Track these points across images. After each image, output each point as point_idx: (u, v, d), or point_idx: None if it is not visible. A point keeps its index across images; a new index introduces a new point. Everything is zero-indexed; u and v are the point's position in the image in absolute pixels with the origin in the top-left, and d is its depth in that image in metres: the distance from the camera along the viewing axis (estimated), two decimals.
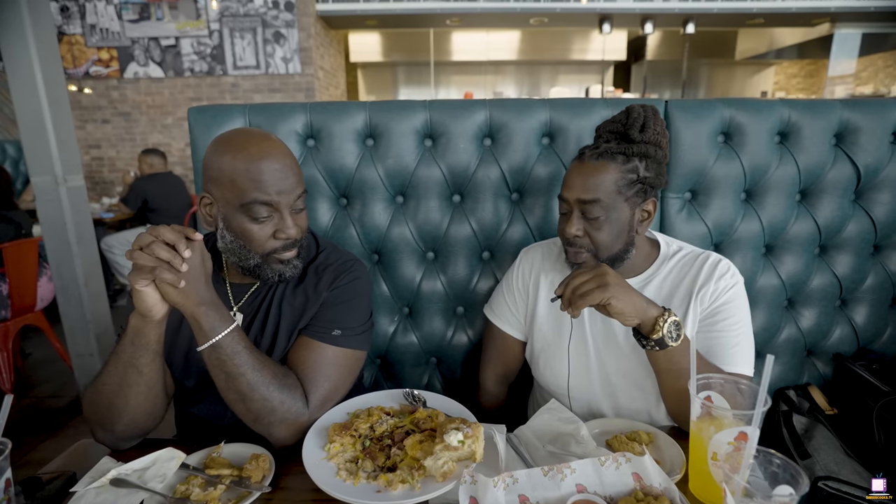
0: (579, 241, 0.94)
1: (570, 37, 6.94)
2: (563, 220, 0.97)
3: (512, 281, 1.10)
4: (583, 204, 0.91)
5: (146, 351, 0.78)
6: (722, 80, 7.90)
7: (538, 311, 1.06)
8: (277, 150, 0.85)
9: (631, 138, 0.92)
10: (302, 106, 1.17)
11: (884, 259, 1.27)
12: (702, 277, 0.93)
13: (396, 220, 1.24)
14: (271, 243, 0.85)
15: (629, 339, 0.95)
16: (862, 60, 6.61)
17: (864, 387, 1.18)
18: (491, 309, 1.15)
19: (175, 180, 4.05)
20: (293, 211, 0.86)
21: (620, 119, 0.94)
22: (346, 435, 0.79)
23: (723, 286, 0.92)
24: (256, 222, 0.83)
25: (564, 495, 0.68)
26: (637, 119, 0.92)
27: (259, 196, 0.81)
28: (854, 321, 1.28)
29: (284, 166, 0.84)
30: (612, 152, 0.90)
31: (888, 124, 1.19)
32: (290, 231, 0.85)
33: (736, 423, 0.68)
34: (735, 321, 0.92)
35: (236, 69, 5.01)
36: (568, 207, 0.95)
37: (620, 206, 0.91)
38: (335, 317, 0.90)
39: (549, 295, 1.05)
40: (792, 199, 1.22)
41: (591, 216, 0.91)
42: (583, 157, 0.93)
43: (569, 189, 0.93)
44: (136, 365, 0.78)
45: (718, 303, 0.92)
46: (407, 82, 7.64)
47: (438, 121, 1.18)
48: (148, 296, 0.73)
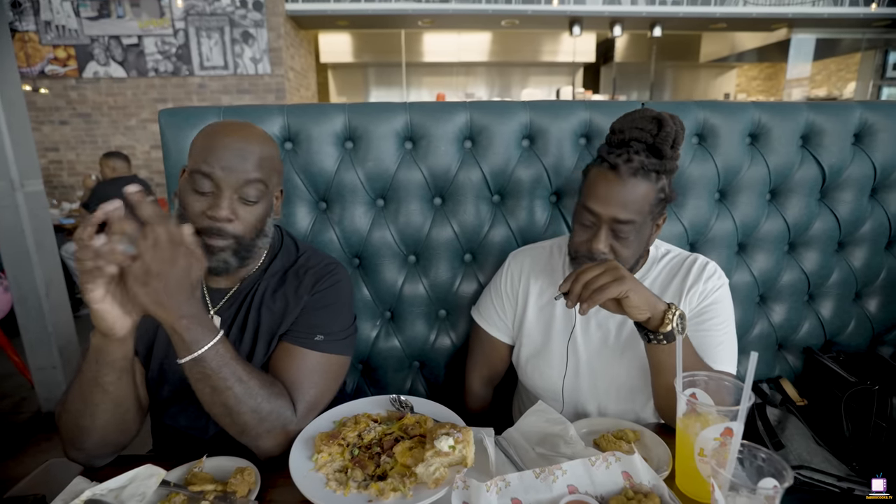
0: (603, 257, 0.90)
1: (540, 39, 7.03)
2: (584, 232, 0.91)
3: (500, 285, 1.10)
4: (616, 222, 0.87)
5: (111, 369, 0.72)
6: (687, 82, 8.15)
7: (528, 315, 1.05)
8: (244, 132, 0.83)
9: (662, 154, 0.87)
10: (279, 108, 1.14)
11: (847, 255, 1.33)
12: (691, 278, 0.95)
13: (377, 224, 1.22)
14: (201, 220, 0.80)
15: (620, 340, 0.97)
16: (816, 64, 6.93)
17: (832, 378, 1.23)
18: (479, 312, 1.14)
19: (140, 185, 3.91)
20: (238, 197, 0.81)
21: (650, 129, 0.87)
22: (334, 444, 0.77)
23: (710, 287, 0.94)
24: (194, 193, 0.81)
25: (557, 497, 0.68)
26: (670, 134, 0.86)
27: (202, 166, 0.79)
28: (821, 315, 1.34)
29: (243, 148, 0.81)
30: (648, 169, 0.86)
31: (850, 126, 1.25)
32: (220, 212, 0.79)
33: (721, 419, 0.70)
34: (720, 321, 0.94)
35: (203, 69, 4.87)
36: (595, 221, 0.89)
37: (647, 224, 0.90)
38: (317, 322, 0.87)
39: (538, 300, 1.05)
40: (763, 198, 1.27)
41: (621, 235, 0.88)
42: (617, 168, 0.86)
43: (603, 204, 0.87)
44: (100, 384, 0.73)
45: (706, 303, 0.94)
46: (378, 83, 7.59)
47: (419, 123, 1.18)
48: (106, 312, 0.65)
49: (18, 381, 2.63)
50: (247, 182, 0.81)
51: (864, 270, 1.33)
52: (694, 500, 0.71)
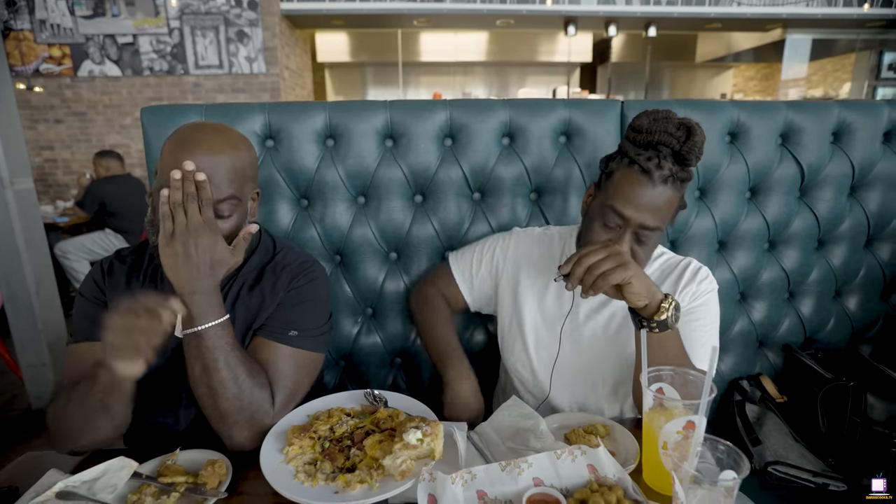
0: None
1: (537, 39, 7.03)
2: (605, 232, 0.90)
3: (492, 248, 1.12)
4: (643, 228, 0.87)
5: (120, 397, 0.75)
6: (683, 82, 8.15)
7: (518, 295, 1.06)
8: (212, 145, 0.78)
9: (688, 162, 0.86)
10: (261, 106, 1.15)
11: (826, 253, 1.33)
12: (685, 279, 0.97)
13: (358, 221, 1.23)
14: None
15: (609, 331, 0.99)
16: (812, 65, 6.94)
17: (809, 375, 1.24)
18: (455, 258, 1.16)
19: (135, 183, 3.91)
20: None
21: (678, 135, 0.85)
22: (305, 437, 0.78)
23: (702, 289, 0.96)
24: None
25: (521, 489, 0.69)
26: (697, 144, 0.84)
27: (166, 181, 0.76)
28: (801, 313, 1.35)
29: (212, 165, 0.77)
30: (677, 178, 0.86)
31: (828, 125, 1.26)
32: None
33: (685, 412, 0.70)
34: (706, 322, 0.96)
35: (198, 68, 4.87)
36: (621, 224, 0.88)
37: (662, 231, 0.91)
38: (292, 317, 0.88)
39: (533, 282, 1.05)
40: (742, 196, 1.27)
41: (644, 240, 0.89)
42: (650, 174, 0.84)
43: (633, 207, 0.86)
44: (106, 408, 0.76)
45: (696, 303, 0.96)
46: (375, 83, 7.58)
47: (399, 121, 1.18)
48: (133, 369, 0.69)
49: (9, 379, 2.63)
50: (217, 201, 0.79)
51: (844, 268, 1.34)
52: (659, 492, 0.72)
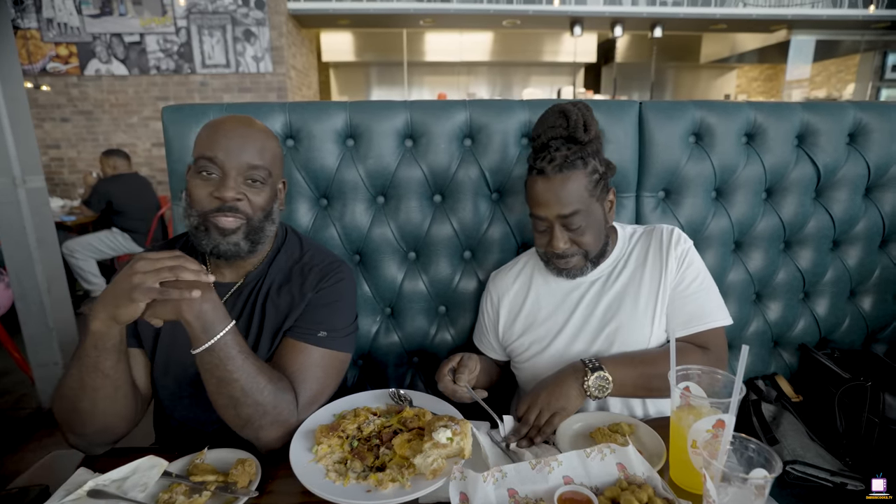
0: (568, 252, 0.96)
1: (542, 39, 7.03)
2: (542, 236, 0.99)
3: (483, 309, 1.17)
4: (563, 218, 0.93)
5: (111, 353, 0.75)
6: (688, 82, 8.15)
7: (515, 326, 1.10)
8: (245, 124, 0.87)
9: (579, 140, 0.92)
10: (280, 105, 1.16)
11: (842, 254, 1.34)
12: (664, 247, 1.00)
13: (377, 221, 1.24)
14: (208, 202, 0.84)
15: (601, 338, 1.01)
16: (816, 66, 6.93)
17: (826, 375, 1.24)
18: (476, 338, 1.21)
19: (141, 182, 3.92)
20: (243, 179, 0.85)
21: (559, 123, 0.93)
22: (334, 436, 0.79)
23: (681, 251, 1.00)
24: (200, 177, 0.84)
25: (552, 487, 0.69)
26: (578, 120, 0.92)
27: (206, 152, 0.83)
28: (816, 313, 1.35)
29: (245, 136, 0.85)
30: (571, 160, 0.91)
31: (844, 126, 1.26)
32: (227, 192, 0.83)
33: (713, 411, 0.71)
34: (700, 280, 1.00)
35: (205, 67, 4.88)
36: (546, 224, 0.96)
37: (594, 206, 0.95)
38: (321, 318, 0.89)
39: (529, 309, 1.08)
40: (758, 197, 1.28)
41: (574, 227, 0.94)
42: (544, 172, 0.92)
43: (544, 207, 0.94)
44: (100, 369, 0.75)
45: (683, 268, 0.99)
46: (380, 82, 7.59)
47: (419, 121, 1.19)
48: (139, 309, 0.70)
49: (19, 378, 2.64)
50: (251, 167, 0.85)
51: (859, 269, 1.34)
52: (687, 491, 0.73)
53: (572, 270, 0.99)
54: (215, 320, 0.74)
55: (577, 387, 0.90)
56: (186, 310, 0.71)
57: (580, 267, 0.99)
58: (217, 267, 0.92)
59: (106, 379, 0.76)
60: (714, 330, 0.98)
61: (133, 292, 0.68)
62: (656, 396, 0.98)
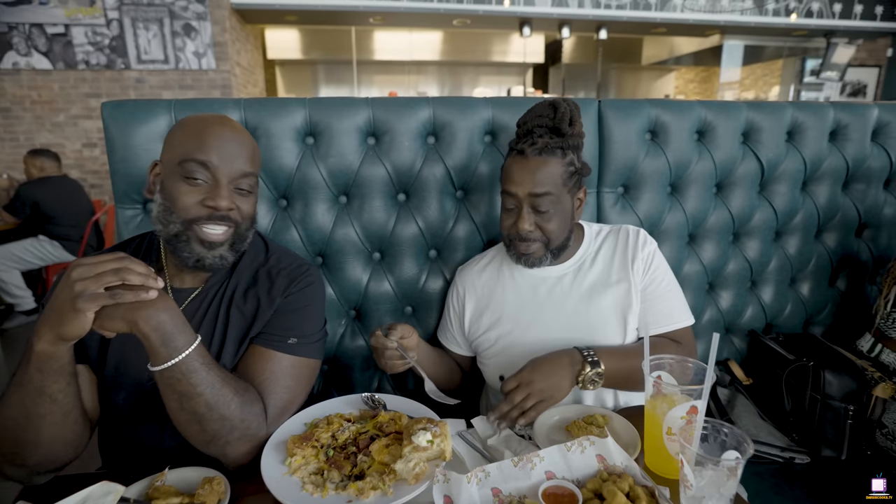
0: (532, 235, 0.97)
1: (491, 39, 7.11)
2: (509, 216, 1.00)
3: (449, 303, 1.16)
4: (534, 198, 0.95)
5: (60, 375, 0.68)
6: (630, 83, 8.50)
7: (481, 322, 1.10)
8: (235, 126, 0.83)
9: (562, 132, 0.96)
10: (235, 102, 1.10)
11: (783, 243, 1.43)
12: (630, 249, 1.04)
13: (340, 221, 1.20)
14: (196, 209, 0.78)
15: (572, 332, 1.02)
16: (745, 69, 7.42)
17: (773, 358, 1.32)
18: (441, 333, 1.20)
19: (72, 185, 3.64)
20: (234, 187, 0.81)
21: (547, 114, 0.97)
22: (307, 446, 0.75)
23: (647, 253, 1.03)
24: (188, 182, 0.78)
25: (535, 483, 0.69)
26: (565, 114, 0.96)
27: (198, 155, 0.78)
28: (762, 300, 1.44)
29: (237, 140, 0.81)
30: (551, 147, 0.95)
31: (783, 124, 1.35)
32: (222, 202, 0.78)
33: (685, 398, 0.73)
34: (667, 282, 1.04)
35: (141, 63, 4.58)
36: (516, 203, 0.98)
37: (564, 197, 0.98)
38: (290, 324, 0.85)
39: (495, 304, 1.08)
40: (710, 191, 1.34)
41: (542, 209, 0.96)
42: (524, 153, 0.96)
43: (517, 184, 0.96)
44: (47, 393, 0.68)
45: (650, 270, 1.03)
46: (328, 81, 7.41)
47: (381, 118, 1.16)
48: (88, 320, 0.63)
49: None
50: (244, 174, 0.81)
51: (798, 257, 1.44)
52: (663, 477, 0.75)
53: (531, 257, 1.00)
54: (175, 332, 0.68)
55: (570, 377, 0.90)
56: (143, 322, 0.65)
57: (539, 256, 1.00)
58: (178, 272, 0.86)
59: (54, 404, 0.69)
60: (683, 328, 1.04)
61: (76, 302, 0.61)
62: (637, 389, 1.00)
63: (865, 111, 1.40)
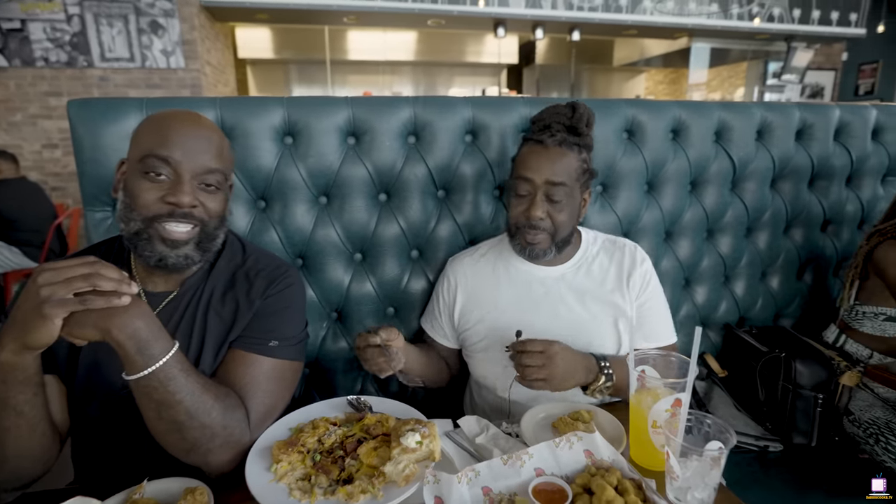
0: (542, 224, 0.98)
1: (465, 39, 7.13)
2: (521, 202, 1.00)
3: (440, 292, 1.15)
4: (550, 186, 0.96)
5: (26, 386, 0.65)
6: (602, 84, 8.65)
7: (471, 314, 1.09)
8: (201, 120, 0.80)
9: (579, 132, 1.00)
10: (211, 101, 1.07)
11: (755, 239, 1.48)
12: (627, 264, 1.05)
13: (321, 222, 1.18)
14: (157, 206, 0.74)
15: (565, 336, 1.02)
16: (712, 71, 7.64)
17: (747, 350, 1.36)
18: (426, 321, 1.18)
19: (31, 188, 3.48)
20: (198, 183, 0.77)
21: (565, 112, 1.00)
22: (293, 452, 0.73)
23: (644, 270, 1.05)
24: (148, 178, 0.74)
25: (525, 481, 0.69)
26: (583, 115, 1.00)
27: (159, 150, 0.74)
28: (735, 294, 1.48)
29: (201, 136, 0.78)
30: (570, 142, 0.98)
31: (753, 124, 1.39)
32: (183, 198, 0.74)
33: (668, 391, 0.75)
34: (658, 298, 1.06)
35: (105, 61, 4.41)
36: (530, 189, 0.98)
37: (576, 192, 1.00)
38: (271, 326, 0.83)
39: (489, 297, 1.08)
40: (685, 189, 1.38)
41: (556, 199, 0.97)
42: (543, 142, 0.97)
43: (535, 171, 0.97)
44: (11, 405, 0.65)
45: (647, 288, 1.05)
46: (301, 81, 7.30)
47: (362, 118, 1.15)
48: (55, 327, 0.60)
49: None
50: (208, 170, 0.77)
51: (768, 252, 1.49)
52: (648, 469, 0.76)
53: (537, 247, 1.00)
54: (150, 339, 0.65)
55: (580, 381, 0.92)
56: (116, 330, 0.62)
57: (545, 247, 1.00)
58: (149, 275, 0.83)
59: (20, 418, 0.66)
60: (669, 346, 1.07)
61: (42, 308, 0.58)
62: None
63: (828, 112, 1.45)
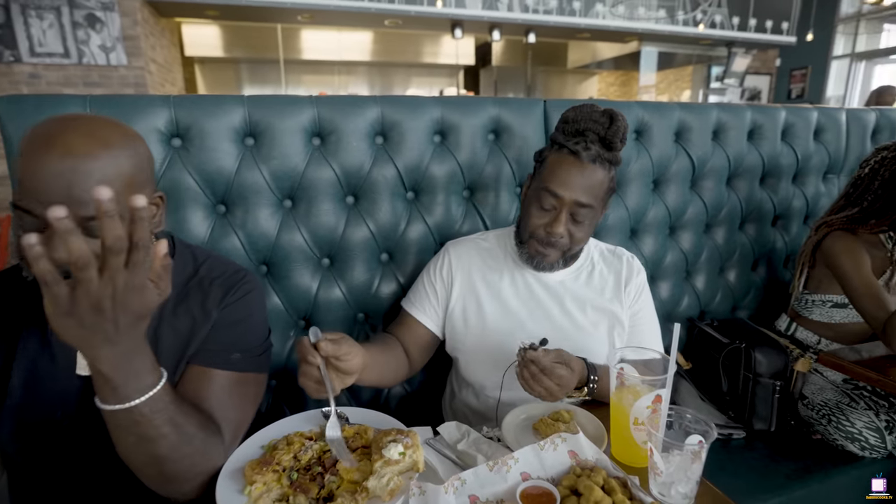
0: (560, 242, 0.95)
1: (422, 40, 7.12)
2: (544, 215, 0.95)
3: (435, 272, 1.08)
4: (577, 206, 0.92)
5: None
6: (556, 85, 8.86)
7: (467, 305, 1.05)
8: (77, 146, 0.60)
9: (613, 146, 0.93)
10: (163, 99, 1.00)
11: (713, 235, 1.54)
12: (624, 273, 1.06)
13: (286, 227, 1.13)
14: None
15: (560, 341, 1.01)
16: (660, 74, 7.99)
17: (710, 342, 1.41)
18: (409, 301, 1.11)
19: None
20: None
21: (602, 121, 0.92)
22: (268, 471, 0.69)
23: (639, 280, 1.07)
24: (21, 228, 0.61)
25: (512, 486, 0.68)
26: (620, 129, 0.92)
27: (23, 200, 0.60)
28: (697, 289, 1.54)
29: (77, 170, 0.59)
30: (603, 158, 0.92)
31: (710, 124, 1.45)
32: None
33: (647, 388, 0.76)
34: (649, 309, 1.08)
35: (35, 56, 4.10)
36: (556, 205, 0.93)
37: (599, 211, 0.97)
38: (232, 338, 0.77)
39: (488, 292, 1.05)
40: (648, 188, 1.42)
41: (579, 219, 0.93)
42: (578, 155, 0.91)
43: (565, 188, 0.91)
44: None
45: (640, 298, 1.06)
46: (252, 81, 7.08)
47: (327, 118, 1.11)
48: None
49: None
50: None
51: (725, 247, 1.55)
52: (630, 466, 0.77)
53: (546, 259, 0.97)
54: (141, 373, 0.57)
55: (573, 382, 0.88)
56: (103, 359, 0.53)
57: (554, 261, 0.98)
58: None
59: None
60: None
61: None
62: None
63: (776, 113, 1.53)
